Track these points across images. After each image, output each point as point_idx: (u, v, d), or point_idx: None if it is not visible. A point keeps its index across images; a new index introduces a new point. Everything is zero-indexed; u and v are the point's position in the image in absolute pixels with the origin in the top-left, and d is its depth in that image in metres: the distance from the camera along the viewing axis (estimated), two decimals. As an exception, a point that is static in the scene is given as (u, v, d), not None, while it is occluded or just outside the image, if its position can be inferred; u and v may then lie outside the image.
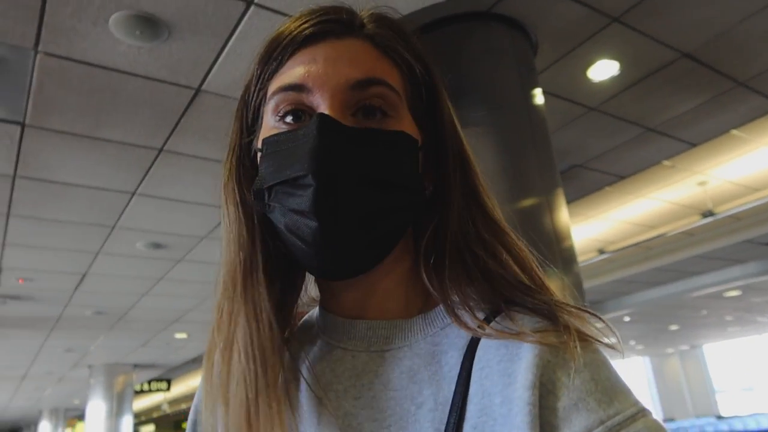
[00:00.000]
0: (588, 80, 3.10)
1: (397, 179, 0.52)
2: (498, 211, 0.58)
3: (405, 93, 0.55)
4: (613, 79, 3.12)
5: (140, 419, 22.30)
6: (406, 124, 0.54)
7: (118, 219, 4.10)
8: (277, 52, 0.55)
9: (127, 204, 3.86)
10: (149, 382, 12.14)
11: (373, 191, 0.50)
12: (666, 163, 4.47)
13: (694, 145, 4.14)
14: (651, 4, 2.54)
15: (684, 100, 3.46)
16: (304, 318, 0.64)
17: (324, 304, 0.61)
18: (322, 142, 0.48)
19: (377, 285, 0.57)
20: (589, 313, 0.52)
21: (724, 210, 5.57)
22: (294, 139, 0.51)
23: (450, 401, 0.49)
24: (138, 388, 11.64)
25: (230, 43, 2.38)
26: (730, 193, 5.37)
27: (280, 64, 0.55)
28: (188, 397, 19.02)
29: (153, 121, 2.93)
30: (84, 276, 5.28)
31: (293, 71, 0.53)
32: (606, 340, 0.51)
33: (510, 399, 0.46)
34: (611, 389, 0.46)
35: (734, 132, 4.07)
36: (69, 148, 3.09)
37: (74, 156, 3.18)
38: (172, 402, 18.52)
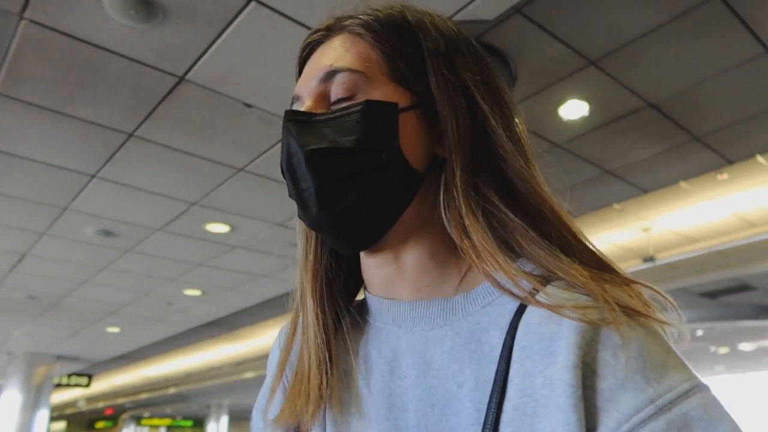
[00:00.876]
0: (558, 117, 3.24)
1: (355, 144, 0.54)
2: (534, 174, 0.57)
3: (385, 65, 0.58)
4: (582, 120, 3.27)
5: (52, 415, 21.20)
6: (378, 94, 0.56)
7: (72, 201, 3.96)
8: (297, 67, 0.65)
9: (85, 186, 3.74)
10: (69, 376, 11.59)
11: (329, 161, 0.54)
12: (616, 206, 4.69)
13: (645, 191, 4.36)
14: (627, 52, 2.70)
15: (643, 148, 3.66)
16: (358, 302, 0.67)
17: (367, 286, 0.64)
18: (285, 135, 0.56)
19: (405, 260, 0.59)
20: (641, 284, 0.51)
21: (664, 257, 5.87)
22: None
23: (491, 381, 0.49)
24: (57, 381, 11.09)
25: (224, 36, 2.37)
26: (671, 242, 5.66)
27: (299, 75, 0.64)
28: (108, 395, 18.25)
29: (129, 105, 2.87)
30: (23, 256, 5.05)
31: (297, 84, 0.62)
32: (659, 317, 0.49)
33: (551, 380, 0.45)
34: (662, 364, 0.44)
35: (682, 183, 4.32)
36: (35, 121, 2.99)
37: (39, 130, 3.08)
38: (90, 399, 17.70)
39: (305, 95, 0.59)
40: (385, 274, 0.60)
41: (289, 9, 2.24)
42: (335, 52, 0.58)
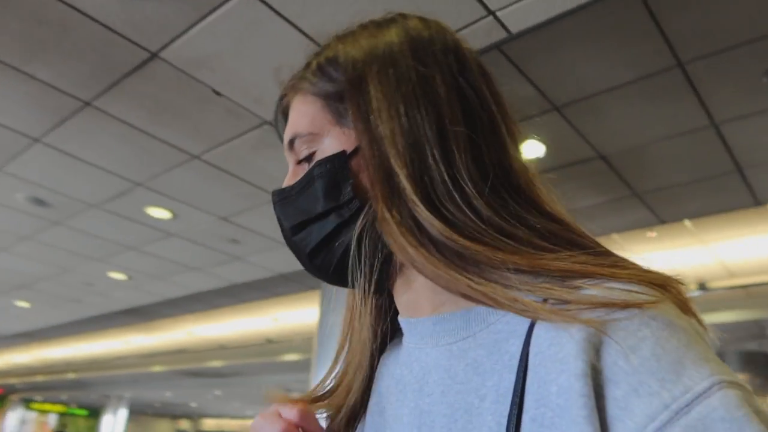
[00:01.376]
0: (516, 155, 3.37)
1: (322, 208, 0.57)
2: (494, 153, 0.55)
3: (329, 112, 0.59)
4: (537, 161, 3.41)
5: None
6: (329, 146, 0.58)
7: (7, 163, 3.75)
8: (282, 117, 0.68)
9: (25, 150, 3.55)
10: (-39, 349, 10.80)
11: (303, 236, 0.59)
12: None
13: (582, 237, 4.56)
14: (590, 103, 2.85)
15: (586, 196, 3.84)
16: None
17: (399, 311, 0.64)
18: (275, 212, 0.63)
19: (415, 284, 0.59)
20: (652, 272, 0.47)
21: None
22: None
23: (509, 392, 0.47)
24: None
25: (208, 19, 2.34)
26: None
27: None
28: (4, 373, 17.06)
29: (91, 73, 2.77)
30: (-61, 213, 4.71)
31: None
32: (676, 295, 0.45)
33: (564, 388, 0.42)
34: (678, 362, 0.40)
35: (615, 236, 4.56)
36: (-14, 72, 2.83)
37: (-12, 83, 2.91)
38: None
39: (288, 160, 0.64)
40: (405, 300, 0.61)
41: (280, 4, 2.24)
42: (291, 120, 0.62)
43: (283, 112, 0.66)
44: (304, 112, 0.61)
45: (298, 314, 7.59)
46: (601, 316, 0.43)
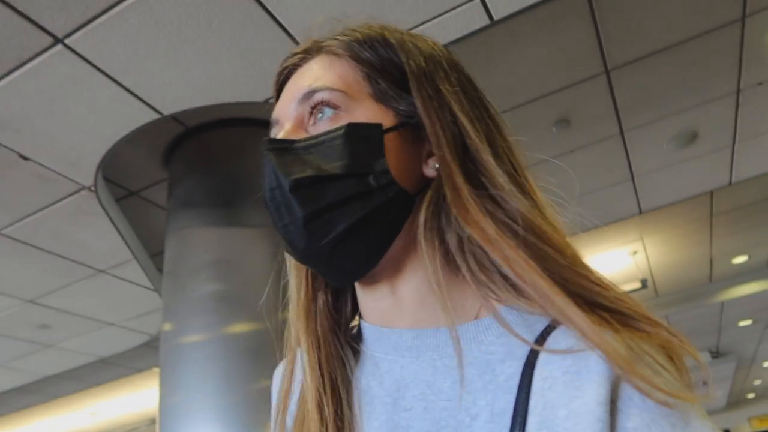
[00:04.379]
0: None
1: (344, 170, 0.52)
2: (518, 194, 0.53)
3: (367, 85, 0.57)
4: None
5: None
6: (362, 114, 0.55)
7: None
8: (275, 91, 0.63)
9: None
10: None
11: (311, 191, 0.52)
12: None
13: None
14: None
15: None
16: (353, 330, 0.64)
17: (363, 315, 0.61)
18: (264, 164, 0.54)
19: (402, 292, 0.56)
20: (666, 330, 0.49)
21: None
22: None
23: (506, 412, 0.47)
24: None
25: (13, 75, 2.12)
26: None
27: (276, 100, 0.63)
28: None
29: None
30: None
31: (274, 109, 0.61)
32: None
33: (577, 413, 0.44)
34: (686, 413, 0.44)
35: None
36: None
37: None
38: None
39: (284, 119, 0.58)
40: (383, 307, 0.57)
41: (102, 60, 2.12)
42: (314, 74, 0.57)
43: (281, 81, 0.61)
44: (337, 71, 0.57)
45: (121, 403, 6.82)
46: (623, 354, 0.45)
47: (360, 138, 0.53)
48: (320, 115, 0.55)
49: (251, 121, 2.55)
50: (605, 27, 2.45)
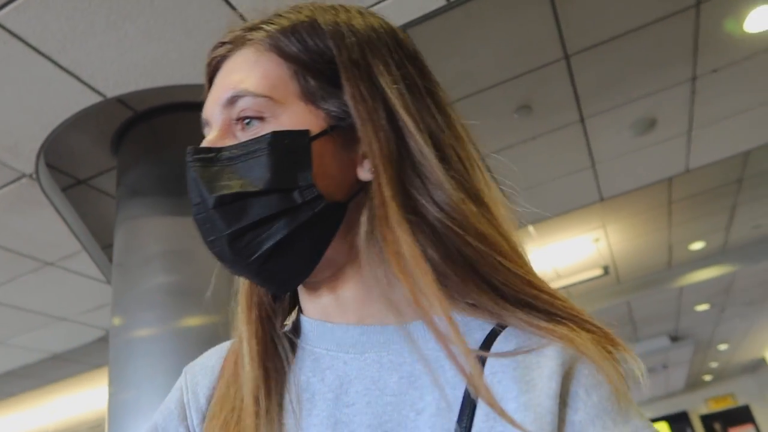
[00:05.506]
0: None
1: (267, 185, 0.50)
2: (467, 204, 0.51)
3: (295, 83, 0.53)
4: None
5: None
6: (291, 119, 0.52)
7: None
8: (206, 84, 0.59)
9: None
10: None
11: (234, 209, 0.50)
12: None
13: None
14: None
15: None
16: (290, 324, 0.61)
17: (305, 311, 0.59)
18: (189, 176, 0.52)
19: (342, 293, 0.55)
20: (607, 334, 0.51)
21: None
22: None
23: (453, 406, 0.48)
24: None
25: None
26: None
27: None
28: None
29: None
30: None
31: (204, 106, 0.57)
32: (627, 358, 0.50)
33: (527, 406, 0.46)
34: (626, 410, 0.47)
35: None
36: None
37: None
38: None
39: (212, 121, 0.55)
40: (324, 303, 0.56)
41: (36, 38, 1.99)
42: (238, 74, 0.54)
43: (211, 72, 0.57)
44: (262, 71, 0.53)
45: (81, 400, 6.64)
46: (571, 351, 0.49)
47: (284, 148, 0.50)
48: (247, 121, 0.52)
49: (202, 105, 2.45)
50: (564, 11, 2.43)
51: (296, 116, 0.52)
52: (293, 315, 0.61)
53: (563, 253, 5.03)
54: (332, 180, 0.52)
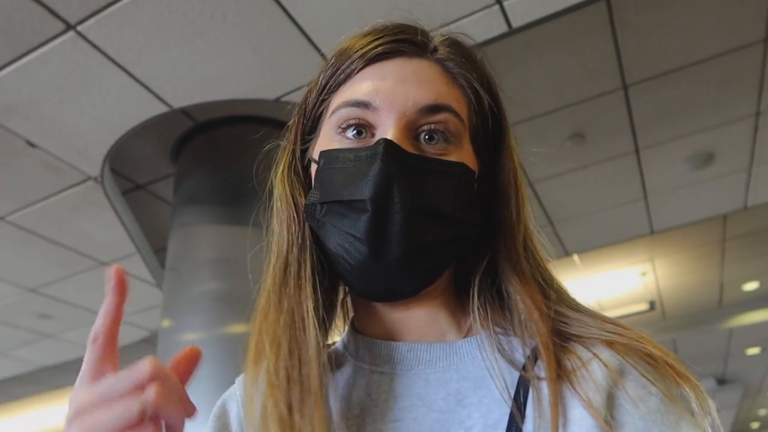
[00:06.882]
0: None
1: (453, 212, 0.52)
2: (541, 251, 0.58)
3: (469, 122, 0.55)
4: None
5: None
6: (466, 155, 0.54)
7: None
8: (345, 65, 0.55)
9: None
10: None
11: (427, 223, 0.50)
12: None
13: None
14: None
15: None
16: (331, 347, 0.61)
17: (358, 326, 0.59)
18: (384, 169, 0.49)
19: (417, 309, 0.56)
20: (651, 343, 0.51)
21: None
22: (355, 159, 0.51)
23: (500, 423, 0.48)
24: None
25: (23, 60, 2.10)
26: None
27: (348, 77, 0.55)
28: None
29: None
30: None
31: (360, 87, 0.53)
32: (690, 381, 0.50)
33: (574, 421, 0.46)
34: (677, 423, 0.46)
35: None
36: None
37: None
38: None
39: (385, 113, 0.52)
40: (391, 319, 0.56)
41: (114, 49, 2.10)
42: (435, 85, 0.53)
43: (369, 56, 0.54)
44: (456, 96, 0.54)
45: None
46: (616, 365, 0.49)
47: (466, 184, 0.53)
48: (435, 137, 0.52)
49: (261, 119, 2.53)
50: (625, 41, 2.41)
51: (467, 153, 0.54)
52: (343, 337, 0.61)
53: (608, 285, 4.92)
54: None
